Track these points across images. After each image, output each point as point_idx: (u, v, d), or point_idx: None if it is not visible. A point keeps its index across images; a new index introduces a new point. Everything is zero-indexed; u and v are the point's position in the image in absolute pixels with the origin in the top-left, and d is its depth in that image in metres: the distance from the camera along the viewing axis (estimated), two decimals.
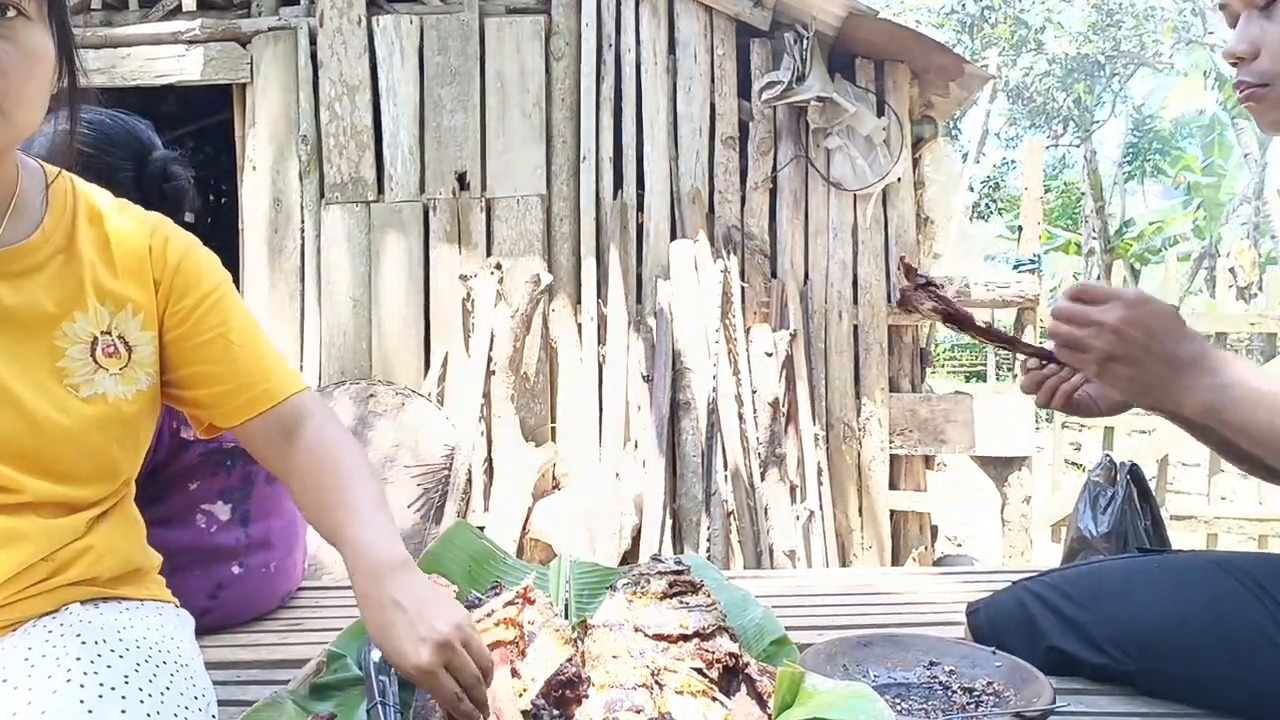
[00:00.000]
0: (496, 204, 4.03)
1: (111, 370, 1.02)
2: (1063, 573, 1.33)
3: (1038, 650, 1.22)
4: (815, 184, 4.04)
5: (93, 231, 1.03)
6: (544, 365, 4.02)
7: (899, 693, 1.16)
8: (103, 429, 1.01)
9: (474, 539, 1.47)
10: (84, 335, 1.00)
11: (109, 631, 0.95)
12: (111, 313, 1.02)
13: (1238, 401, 0.97)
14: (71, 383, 0.99)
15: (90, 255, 1.02)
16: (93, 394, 1.00)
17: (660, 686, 1.01)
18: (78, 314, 1.00)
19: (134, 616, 1.02)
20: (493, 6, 4.06)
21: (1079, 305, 1.03)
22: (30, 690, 0.84)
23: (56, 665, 0.87)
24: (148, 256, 1.06)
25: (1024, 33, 14.38)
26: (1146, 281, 18.80)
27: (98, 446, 1.01)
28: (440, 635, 0.90)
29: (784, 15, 3.93)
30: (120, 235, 1.05)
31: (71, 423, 0.98)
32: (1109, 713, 1.14)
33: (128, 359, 1.03)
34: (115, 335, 1.02)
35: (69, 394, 0.98)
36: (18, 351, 0.96)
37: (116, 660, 0.91)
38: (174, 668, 0.97)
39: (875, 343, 4.01)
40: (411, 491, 3.62)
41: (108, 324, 1.02)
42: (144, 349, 1.05)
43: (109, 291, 1.02)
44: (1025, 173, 4.33)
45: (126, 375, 1.03)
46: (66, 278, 1.00)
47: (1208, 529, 4.75)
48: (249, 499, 1.61)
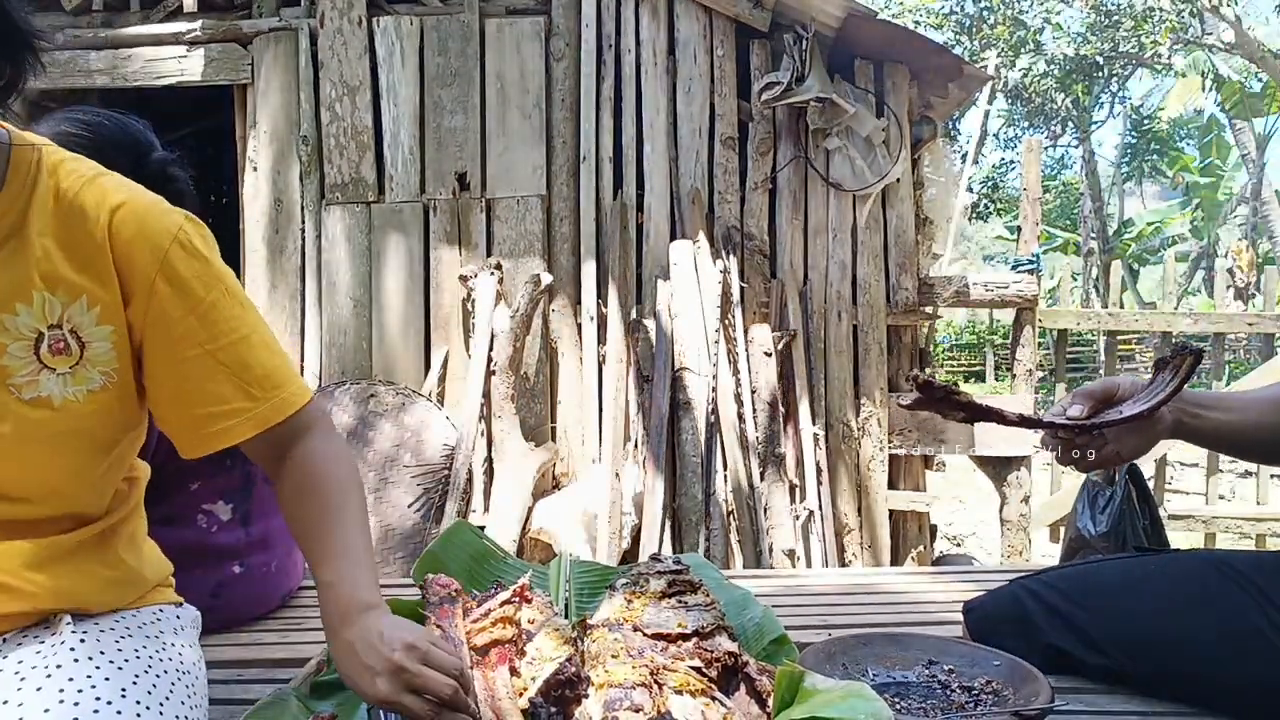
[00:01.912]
0: (496, 204, 4.04)
1: (59, 370, 0.90)
2: (1060, 571, 1.34)
3: (1035, 648, 1.23)
4: (815, 184, 4.05)
5: (54, 208, 0.91)
6: (544, 365, 4.02)
7: (898, 692, 1.17)
8: (50, 438, 0.90)
9: (474, 539, 1.47)
10: (27, 331, 0.89)
11: (107, 642, 0.92)
12: (64, 304, 0.90)
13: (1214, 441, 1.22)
14: (13, 383, 0.88)
15: (43, 238, 0.89)
16: (35, 396, 0.89)
17: (659, 686, 1.01)
18: (20, 306, 0.88)
19: (132, 624, 0.99)
20: (493, 7, 4.06)
21: None
22: (21, 706, 0.81)
23: (48, 680, 0.84)
24: (108, 247, 0.92)
25: (1023, 34, 14.39)
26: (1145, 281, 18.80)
27: (43, 458, 0.91)
28: (389, 662, 0.88)
29: (783, 16, 3.93)
30: (82, 215, 0.91)
31: (9, 429, 0.88)
32: (1108, 712, 1.15)
33: (79, 355, 0.91)
34: (67, 329, 0.90)
35: (8, 395, 0.88)
36: None
37: (115, 672, 0.89)
38: (175, 676, 0.96)
39: (874, 343, 4.01)
40: (411, 491, 3.62)
41: (58, 316, 0.90)
42: (99, 345, 0.92)
43: (61, 279, 0.90)
44: (1024, 173, 4.33)
45: (77, 374, 0.91)
46: (13, 264, 0.88)
47: (1206, 529, 4.75)
48: (250, 499, 1.61)
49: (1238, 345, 15.05)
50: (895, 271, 4.04)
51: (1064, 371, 5.17)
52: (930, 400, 1.17)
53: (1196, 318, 5.11)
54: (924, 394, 1.16)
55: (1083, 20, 14.45)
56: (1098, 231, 18.29)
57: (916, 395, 1.17)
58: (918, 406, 1.18)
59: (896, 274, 4.04)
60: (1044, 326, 4.69)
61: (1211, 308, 8.66)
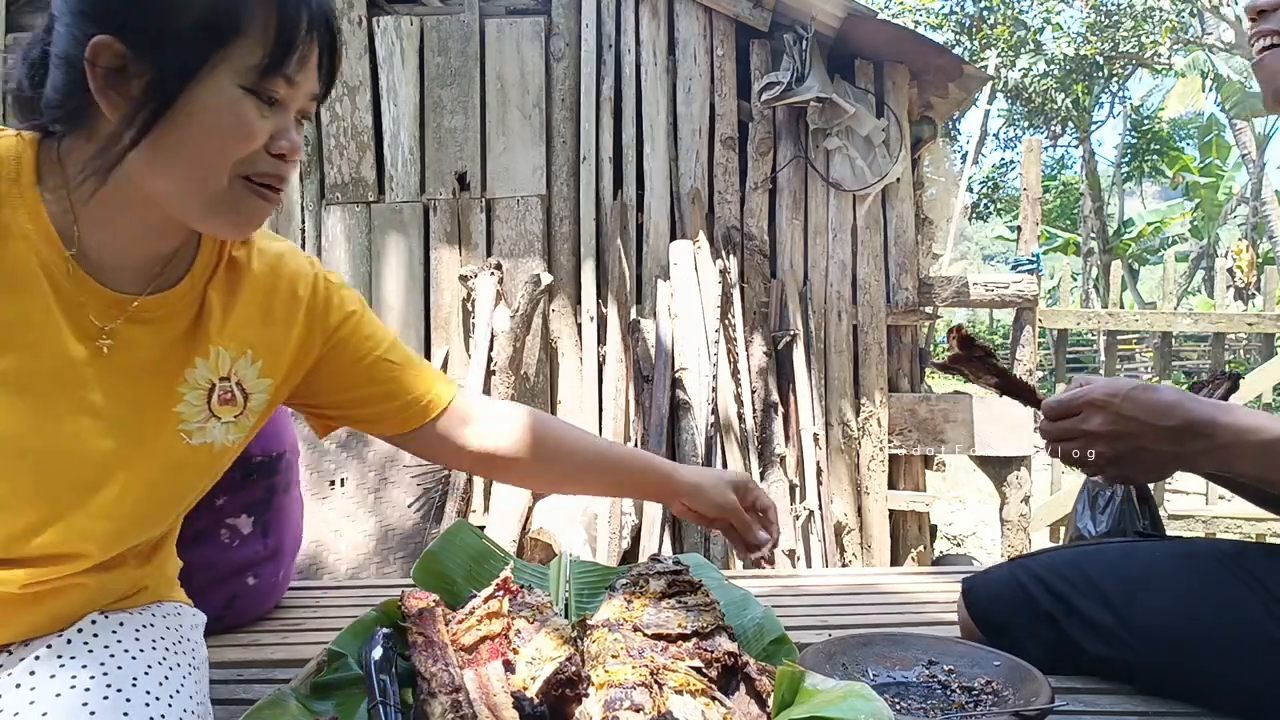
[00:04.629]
0: (496, 204, 4.04)
1: (225, 418, 0.99)
2: (1060, 553, 1.32)
3: (1036, 629, 1.22)
4: (815, 185, 4.05)
5: (231, 272, 1.00)
6: (544, 365, 4.02)
7: (898, 692, 1.17)
8: (197, 477, 1.00)
9: (474, 539, 1.47)
10: (203, 382, 0.97)
11: (125, 632, 0.95)
12: (232, 358, 0.99)
13: (1243, 457, 0.97)
14: (185, 429, 0.96)
15: (222, 297, 0.99)
16: (202, 443, 0.97)
17: (660, 686, 1.01)
18: (199, 360, 0.97)
19: (154, 616, 1.02)
20: (493, 7, 4.06)
21: (1061, 424, 1.04)
22: (34, 690, 0.83)
23: (60, 668, 0.86)
24: (299, 300, 1.05)
25: (1023, 34, 14.39)
26: (1145, 281, 18.81)
27: (186, 494, 1.00)
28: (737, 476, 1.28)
29: (783, 16, 3.93)
30: (264, 277, 1.02)
31: (173, 474, 0.96)
32: (1108, 712, 1.15)
33: (243, 406, 1.01)
34: (234, 381, 1.00)
35: (180, 440, 0.96)
36: (142, 400, 0.93)
37: (129, 661, 0.91)
38: (187, 670, 0.97)
39: (874, 343, 4.01)
40: (411, 491, 3.62)
41: (228, 369, 0.99)
42: (259, 396, 1.03)
43: (232, 334, 0.99)
44: (1024, 173, 4.33)
45: (239, 423, 1.01)
46: (198, 322, 0.97)
47: (1206, 529, 4.75)
48: (269, 509, 1.60)
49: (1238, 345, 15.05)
50: (895, 271, 4.04)
51: (1064, 371, 5.18)
52: (967, 359, 1.13)
53: (1196, 318, 5.11)
54: (962, 349, 1.12)
55: (1083, 20, 14.45)
56: (1098, 231, 18.29)
57: (953, 352, 1.13)
58: (952, 365, 1.14)
59: (896, 274, 4.04)
60: (1044, 326, 4.69)
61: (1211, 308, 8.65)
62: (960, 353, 1.12)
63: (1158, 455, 1.00)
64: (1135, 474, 1.03)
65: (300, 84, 0.87)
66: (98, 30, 0.80)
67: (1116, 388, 1.01)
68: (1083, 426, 1.01)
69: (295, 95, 0.87)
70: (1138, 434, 0.99)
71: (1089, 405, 1.01)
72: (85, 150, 0.85)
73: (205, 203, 0.87)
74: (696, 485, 1.27)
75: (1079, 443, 1.02)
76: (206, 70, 0.81)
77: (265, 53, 0.83)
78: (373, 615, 1.20)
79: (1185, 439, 0.98)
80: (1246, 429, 0.97)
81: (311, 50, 0.87)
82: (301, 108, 0.90)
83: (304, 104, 0.90)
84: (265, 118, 0.85)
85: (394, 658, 1.03)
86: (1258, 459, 0.96)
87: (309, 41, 0.86)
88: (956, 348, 1.12)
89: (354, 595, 1.78)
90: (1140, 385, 1.01)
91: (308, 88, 0.89)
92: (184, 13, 0.80)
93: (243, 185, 0.87)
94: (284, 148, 0.88)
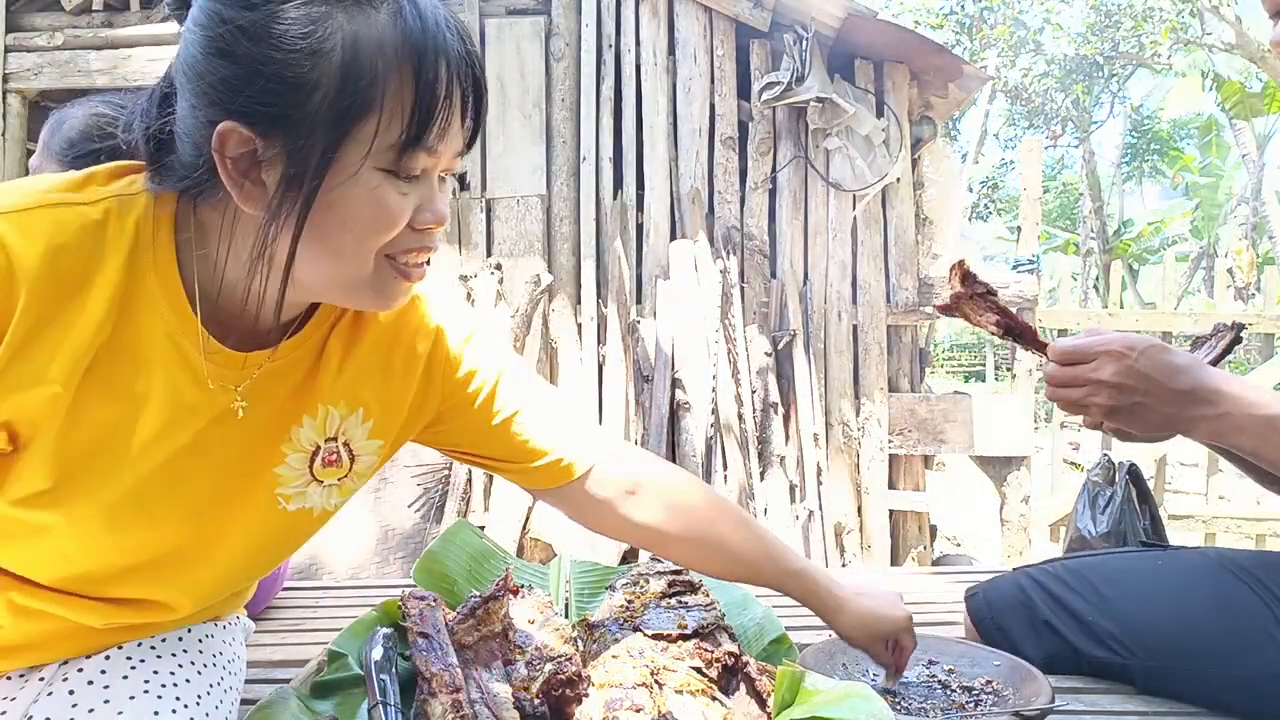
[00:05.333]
0: (496, 204, 4.04)
1: (327, 481, 0.93)
2: (1064, 563, 1.33)
3: (1038, 635, 1.22)
4: (814, 184, 4.05)
5: (358, 318, 0.93)
6: (544, 365, 4.02)
7: (898, 692, 1.17)
8: (295, 541, 0.96)
9: (474, 539, 1.47)
10: (307, 444, 0.91)
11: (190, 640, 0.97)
12: (342, 417, 0.93)
13: (1242, 429, 0.97)
14: (283, 493, 0.91)
15: (343, 346, 0.92)
16: (300, 508, 0.92)
17: (660, 686, 1.01)
18: (306, 418, 0.91)
19: (227, 632, 1.05)
20: (493, 7, 4.06)
21: (1070, 369, 1.03)
22: (107, 689, 0.86)
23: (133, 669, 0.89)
24: (418, 356, 0.96)
25: (1023, 34, 14.39)
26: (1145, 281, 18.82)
27: (282, 556, 0.98)
28: None
29: (783, 16, 3.93)
30: (389, 326, 0.94)
31: (267, 540, 0.92)
32: (1108, 711, 1.15)
33: (348, 469, 0.94)
34: (340, 442, 0.93)
35: (276, 504, 0.91)
36: (250, 458, 0.89)
37: (195, 675, 0.93)
38: (233, 681, 1.01)
39: (874, 343, 4.01)
40: (411, 491, 3.62)
41: (335, 429, 0.92)
42: (367, 459, 0.96)
43: (346, 389, 0.92)
44: (1024, 173, 4.33)
45: (343, 486, 0.95)
46: (313, 373, 0.91)
47: (1206, 528, 4.75)
48: None
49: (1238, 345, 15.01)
50: (895, 271, 4.04)
51: None
52: (969, 296, 1.09)
53: (1196, 317, 5.11)
54: (964, 285, 1.09)
55: (1083, 20, 14.45)
56: (1098, 231, 18.29)
57: (954, 290, 1.08)
58: (952, 305, 1.10)
59: (896, 274, 4.04)
60: (1044, 326, 4.69)
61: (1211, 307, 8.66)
62: (961, 290, 1.09)
63: (1159, 415, 1.00)
64: (1132, 428, 1.02)
65: (443, 152, 0.79)
66: (223, 115, 0.73)
67: (1134, 341, 1.01)
68: (1093, 375, 1.00)
69: (439, 163, 0.79)
70: (1145, 390, 0.99)
71: (1105, 354, 1.00)
72: (223, 216, 0.79)
73: (347, 288, 0.81)
74: (850, 632, 1.16)
75: (1085, 390, 1.01)
76: (341, 155, 0.74)
77: (403, 128, 0.74)
78: (373, 615, 1.20)
79: (1190, 403, 0.99)
80: (1249, 403, 0.97)
81: (454, 114, 0.77)
82: (445, 168, 0.81)
83: (448, 165, 0.81)
84: (405, 194, 0.78)
85: (394, 658, 1.03)
86: (1255, 433, 0.97)
87: (449, 106, 0.76)
88: (958, 284, 1.08)
89: (354, 595, 1.78)
90: (1157, 344, 1.01)
91: (452, 149, 0.80)
92: (312, 92, 0.72)
93: (388, 265, 0.81)
94: (428, 221, 0.80)
